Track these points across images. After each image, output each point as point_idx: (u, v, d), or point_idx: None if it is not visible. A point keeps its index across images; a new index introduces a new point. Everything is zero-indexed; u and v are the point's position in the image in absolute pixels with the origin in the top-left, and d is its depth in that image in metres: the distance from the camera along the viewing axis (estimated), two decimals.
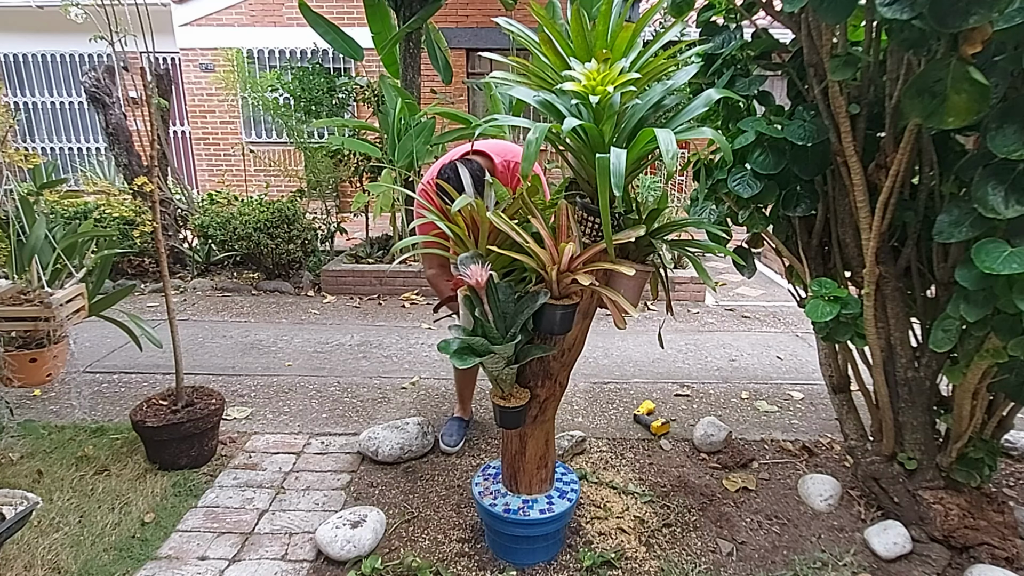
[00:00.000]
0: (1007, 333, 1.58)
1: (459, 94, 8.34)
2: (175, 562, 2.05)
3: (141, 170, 5.38)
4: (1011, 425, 2.09)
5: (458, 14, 8.31)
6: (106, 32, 2.40)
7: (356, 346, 4.06)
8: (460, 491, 2.44)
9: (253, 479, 2.52)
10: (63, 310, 2.60)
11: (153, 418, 2.48)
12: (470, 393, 2.93)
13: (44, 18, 8.60)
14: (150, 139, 2.50)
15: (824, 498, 2.35)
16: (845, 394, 2.38)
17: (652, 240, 1.83)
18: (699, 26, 2.25)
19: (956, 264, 1.64)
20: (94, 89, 5.18)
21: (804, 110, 1.98)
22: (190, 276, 5.56)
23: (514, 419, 1.90)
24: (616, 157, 1.41)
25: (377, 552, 2.07)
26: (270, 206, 5.37)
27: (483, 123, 1.75)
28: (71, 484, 2.43)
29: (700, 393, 3.41)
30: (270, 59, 8.69)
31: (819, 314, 1.88)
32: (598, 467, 2.62)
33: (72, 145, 9.78)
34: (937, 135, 1.82)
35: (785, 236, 2.32)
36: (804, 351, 4.08)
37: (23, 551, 2.04)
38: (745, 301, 5.30)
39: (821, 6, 1.57)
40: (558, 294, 1.73)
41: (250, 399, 3.27)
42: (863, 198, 1.86)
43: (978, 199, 1.47)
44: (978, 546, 2.01)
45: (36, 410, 3.09)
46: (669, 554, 2.10)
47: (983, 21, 1.29)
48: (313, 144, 6.22)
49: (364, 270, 5.34)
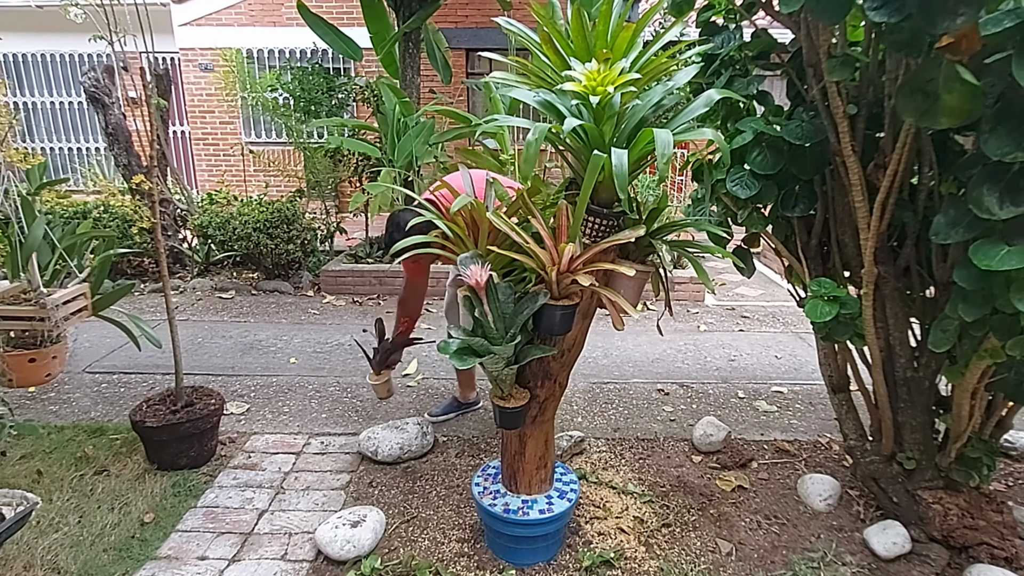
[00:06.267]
0: (1005, 333, 1.58)
1: (459, 94, 8.34)
2: (175, 562, 2.05)
3: (141, 170, 5.38)
4: (1010, 425, 2.10)
5: (457, 14, 8.31)
6: (106, 32, 2.39)
7: (355, 346, 4.06)
8: (460, 491, 2.44)
9: (253, 479, 2.52)
10: (60, 311, 2.60)
11: (153, 418, 2.47)
12: (468, 380, 3.06)
13: (44, 18, 8.59)
14: (150, 139, 2.50)
15: (823, 498, 2.36)
16: (844, 394, 2.38)
17: (652, 240, 1.83)
18: (699, 26, 2.25)
19: (955, 264, 1.65)
20: (94, 89, 5.18)
21: (803, 110, 1.98)
22: (190, 276, 5.56)
23: (514, 419, 1.90)
24: (618, 158, 1.41)
25: (377, 552, 2.07)
26: (269, 206, 5.37)
27: (483, 122, 1.75)
28: (71, 484, 2.43)
29: (699, 393, 3.41)
30: (269, 59, 8.69)
31: (818, 314, 1.88)
32: (597, 467, 2.62)
33: (72, 145, 9.78)
34: (936, 135, 1.82)
35: (784, 236, 2.32)
36: (803, 351, 4.08)
37: (23, 551, 2.04)
38: (745, 301, 5.31)
39: (818, 7, 1.57)
40: (558, 294, 1.73)
41: (249, 399, 3.27)
42: (862, 198, 1.86)
43: (973, 200, 1.48)
44: (977, 546, 2.01)
45: (36, 410, 3.09)
46: (668, 554, 2.11)
47: (971, 21, 1.28)
48: (312, 144, 6.22)
49: (363, 270, 5.34)
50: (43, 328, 2.63)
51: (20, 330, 2.68)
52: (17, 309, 2.58)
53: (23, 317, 2.60)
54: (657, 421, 3.07)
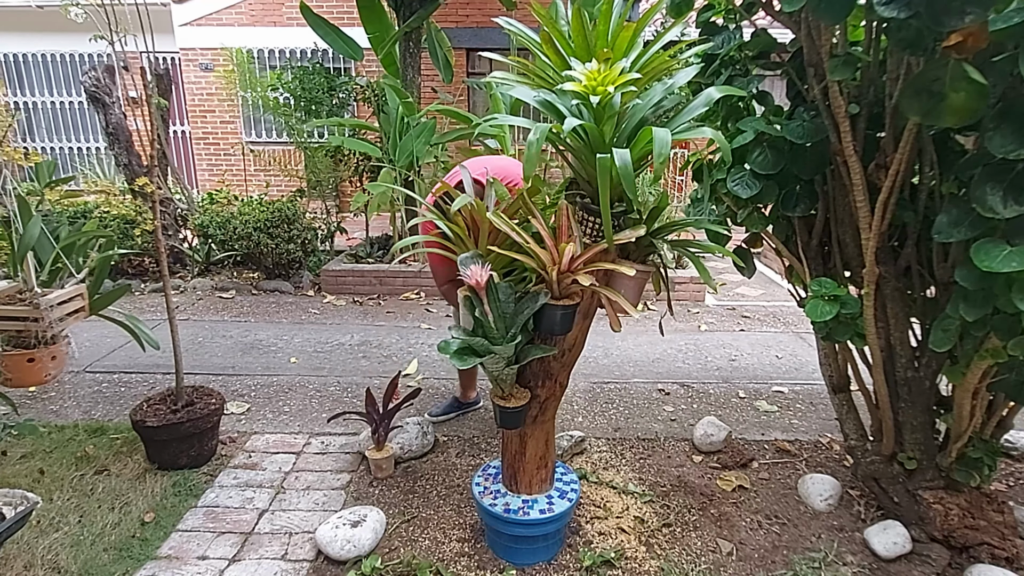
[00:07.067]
0: (1006, 333, 1.58)
1: (459, 94, 8.34)
2: (175, 562, 2.05)
3: (141, 170, 5.38)
4: (1011, 425, 2.10)
5: (458, 14, 8.31)
6: (106, 32, 2.40)
7: (356, 346, 4.06)
8: (460, 491, 2.44)
9: (253, 479, 2.52)
10: (55, 311, 2.60)
11: (153, 418, 2.47)
12: (469, 381, 3.06)
13: (44, 18, 8.59)
14: (150, 139, 2.49)
15: (824, 498, 2.35)
16: (845, 394, 2.38)
17: (653, 240, 1.83)
18: (699, 26, 2.25)
19: (956, 264, 1.64)
20: (94, 89, 5.18)
21: (803, 110, 1.98)
22: (190, 276, 5.56)
23: (514, 419, 1.90)
24: (621, 158, 1.41)
25: (377, 552, 2.07)
26: (270, 206, 5.37)
27: (483, 122, 1.75)
28: (71, 484, 2.43)
29: (700, 393, 3.41)
30: (270, 59, 8.69)
31: (819, 314, 1.88)
32: (598, 467, 2.62)
33: (72, 145, 9.78)
34: (937, 135, 1.82)
35: (785, 236, 2.32)
36: (804, 351, 4.08)
37: (23, 551, 2.04)
38: (745, 301, 5.30)
39: (819, 6, 1.56)
40: (558, 294, 1.73)
41: (250, 399, 3.27)
42: (863, 198, 1.85)
43: (976, 199, 1.47)
44: (978, 546, 2.01)
45: (36, 410, 3.09)
46: (669, 554, 2.11)
47: (979, 20, 1.29)
48: (313, 144, 6.22)
49: (364, 270, 5.34)
50: (37, 328, 2.62)
51: (15, 330, 2.67)
52: (10, 309, 2.57)
53: (16, 317, 2.59)
54: (658, 421, 3.07)
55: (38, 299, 2.57)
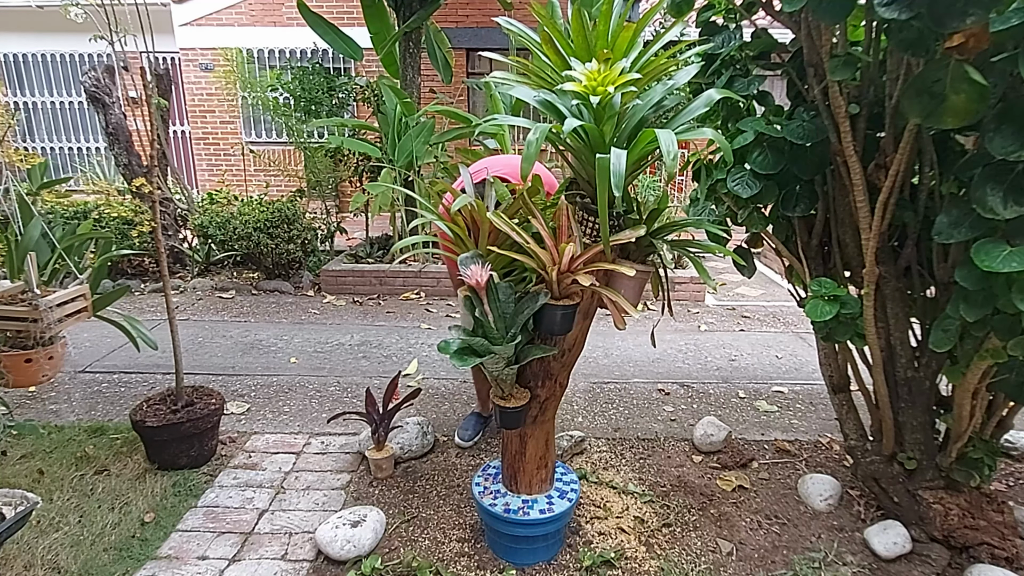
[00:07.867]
0: (1006, 333, 1.58)
1: (459, 94, 8.34)
2: (175, 562, 2.05)
3: (141, 170, 5.38)
4: (1011, 425, 2.10)
5: (458, 14, 8.31)
6: (106, 32, 2.40)
7: (356, 346, 4.06)
8: (460, 491, 2.44)
9: (253, 479, 2.52)
10: (55, 312, 2.60)
11: (153, 418, 2.47)
12: (486, 389, 2.90)
13: (44, 18, 8.59)
14: (150, 139, 2.49)
15: (824, 498, 2.36)
16: (845, 394, 2.38)
17: (652, 240, 1.83)
18: (699, 26, 2.25)
19: (956, 264, 1.64)
20: (94, 89, 5.18)
21: (804, 110, 1.98)
22: (190, 276, 5.56)
23: (514, 419, 1.90)
24: (616, 158, 1.41)
25: (377, 552, 2.07)
26: (270, 206, 5.37)
27: (483, 122, 1.75)
28: (71, 484, 2.43)
29: (700, 393, 3.41)
30: (270, 59, 8.69)
31: (819, 314, 1.88)
32: (598, 467, 2.62)
33: (72, 145, 9.78)
34: (937, 135, 1.82)
35: (785, 236, 2.32)
36: (804, 351, 4.08)
37: (23, 551, 2.04)
38: (745, 301, 5.30)
39: (819, 6, 1.57)
40: (558, 294, 1.73)
41: (250, 399, 3.27)
42: (863, 198, 1.86)
43: (977, 200, 1.47)
44: (978, 546, 2.01)
45: (36, 410, 3.09)
46: (669, 554, 2.11)
47: (980, 22, 1.29)
48: (313, 144, 6.22)
49: (364, 270, 5.34)
50: (35, 329, 2.61)
51: (14, 331, 2.67)
52: (9, 309, 2.56)
53: (15, 317, 2.58)
54: (658, 421, 3.07)
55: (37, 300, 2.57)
